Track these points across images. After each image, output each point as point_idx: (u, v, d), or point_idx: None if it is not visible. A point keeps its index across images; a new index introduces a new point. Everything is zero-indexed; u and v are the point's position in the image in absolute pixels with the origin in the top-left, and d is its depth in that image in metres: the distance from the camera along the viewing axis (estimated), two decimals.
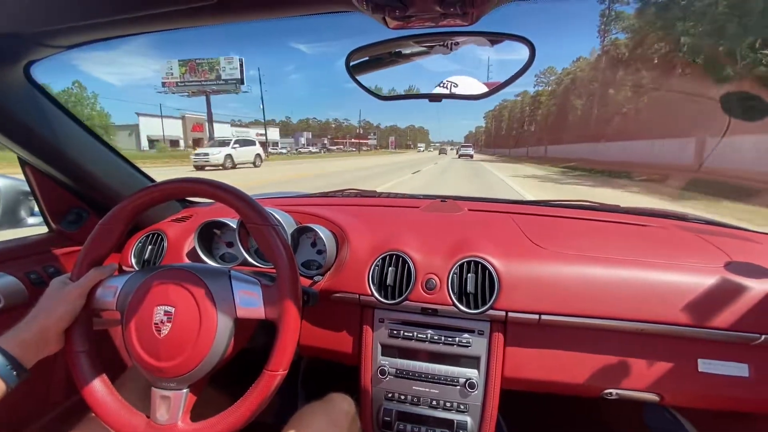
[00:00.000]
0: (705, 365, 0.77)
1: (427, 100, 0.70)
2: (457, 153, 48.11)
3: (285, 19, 0.62)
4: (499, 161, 31.54)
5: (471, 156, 41.05)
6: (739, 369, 0.77)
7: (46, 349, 0.64)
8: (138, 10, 0.56)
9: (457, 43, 0.64)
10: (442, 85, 0.69)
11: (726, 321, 0.75)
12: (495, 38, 0.61)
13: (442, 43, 0.65)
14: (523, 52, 0.60)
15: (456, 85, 0.68)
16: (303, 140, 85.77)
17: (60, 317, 0.64)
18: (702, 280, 0.78)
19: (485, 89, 0.66)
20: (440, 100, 0.69)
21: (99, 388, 0.67)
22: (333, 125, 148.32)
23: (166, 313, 0.65)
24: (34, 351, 0.62)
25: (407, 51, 0.71)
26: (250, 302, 0.67)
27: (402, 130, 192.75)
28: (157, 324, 0.64)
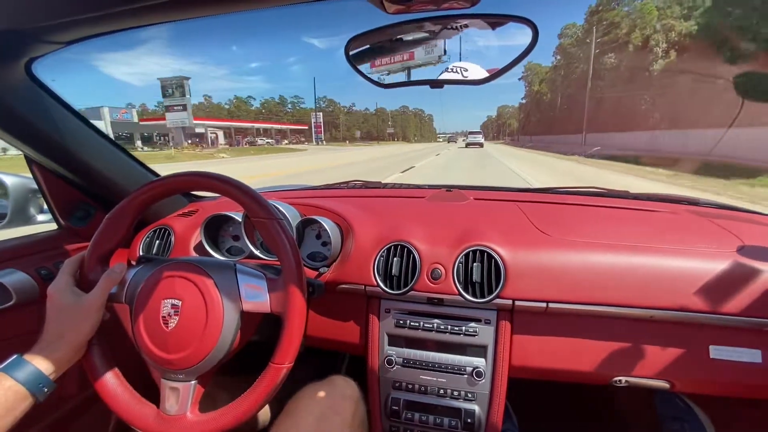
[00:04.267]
0: (717, 352, 0.76)
1: (428, 86, 0.69)
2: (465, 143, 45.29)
3: (286, 9, 0.61)
4: None
5: (481, 145, 38.81)
6: (751, 355, 0.75)
7: (74, 361, 0.67)
8: (141, 1, 0.55)
9: (458, 27, 0.63)
10: (444, 70, 0.68)
11: (738, 306, 0.73)
12: (497, 20, 0.60)
13: (443, 27, 0.63)
14: (526, 34, 0.58)
15: (458, 70, 0.67)
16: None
17: (87, 332, 0.66)
18: (713, 265, 0.76)
19: (487, 74, 0.65)
20: (442, 86, 0.68)
21: (110, 379, 0.69)
22: (288, 109, 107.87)
23: (173, 306, 0.66)
24: (66, 366, 0.65)
25: (408, 37, 0.70)
26: (256, 296, 0.68)
27: (385, 114, 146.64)
28: (164, 317, 0.65)
